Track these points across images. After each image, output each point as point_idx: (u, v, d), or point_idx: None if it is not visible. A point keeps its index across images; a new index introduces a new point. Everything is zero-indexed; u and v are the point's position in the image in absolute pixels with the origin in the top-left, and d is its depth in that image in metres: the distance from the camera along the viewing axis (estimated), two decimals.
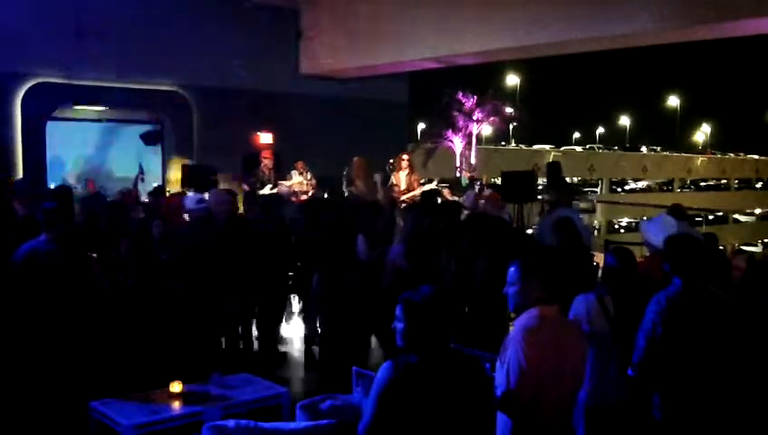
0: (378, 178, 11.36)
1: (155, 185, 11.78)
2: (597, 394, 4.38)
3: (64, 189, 8.83)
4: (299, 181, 12.07)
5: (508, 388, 3.34)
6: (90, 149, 14.14)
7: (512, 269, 3.53)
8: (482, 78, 18.42)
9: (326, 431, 4.10)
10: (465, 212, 8.43)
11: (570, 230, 6.15)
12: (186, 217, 7.45)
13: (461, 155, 15.71)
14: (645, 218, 7.42)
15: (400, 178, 11.46)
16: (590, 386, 4.34)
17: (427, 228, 6.12)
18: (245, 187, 11.31)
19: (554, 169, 11.17)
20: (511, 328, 3.94)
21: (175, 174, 13.16)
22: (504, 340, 3.51)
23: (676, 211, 7.56)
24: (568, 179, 11.82)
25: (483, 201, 9.35)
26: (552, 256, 5.30)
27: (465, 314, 6.05)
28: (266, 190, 11.31)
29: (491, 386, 3.37)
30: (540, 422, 3.40)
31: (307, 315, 7.77)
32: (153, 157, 14.43)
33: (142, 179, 11.31)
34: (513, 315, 4.29)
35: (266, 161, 11.88)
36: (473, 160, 14.89)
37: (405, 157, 11.76)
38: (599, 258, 7.99)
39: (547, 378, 3.38)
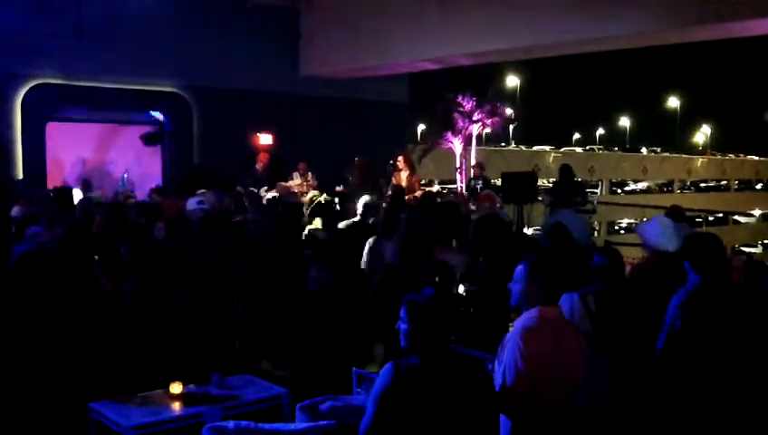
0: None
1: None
2: (583, 392, 4.40)
3: (65, 191, 8.84)
4: (298, 182, 12.08)
5: (504, 387, 3.36)
6: (90, 149, 14.15)
7: (519, 267, 3.58)
8: (482, 78, 18.40)
9: (326, 432, 4.10)
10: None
11: (562, 235, 6.17)
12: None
13: (461, 156, 15.70)
14: (645, 220, 7.43)
15: (401, 179, 11.47)
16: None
17: (421, 228, 6.11)
18: (239, 188, 11.32)
19: (564, 172, 11.26)
20: (510, 328, 3.95)
21: None
22: (502, 340, 3.54)
23: (674, 212, 7.57)
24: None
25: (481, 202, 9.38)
26: (556, 258, 5.31)
27: (468, 314, 6.05)
28: (262, 191, 11.31)
29: (493, 387, 3.38)
30: (538, 421, 3.41)
31: (308, 315, 7.76)
32: (153, 157, 14.45)
33: (122, 191, 11.37)
34: (513, 316, 4.31)
35: (261, 162, 11.89)
36: (473, 161, 14.87)
37: (403, 158, 11.78)
38: None
39: (545, 378, 3.40)
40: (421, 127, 27.50)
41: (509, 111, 16.27)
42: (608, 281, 4.56)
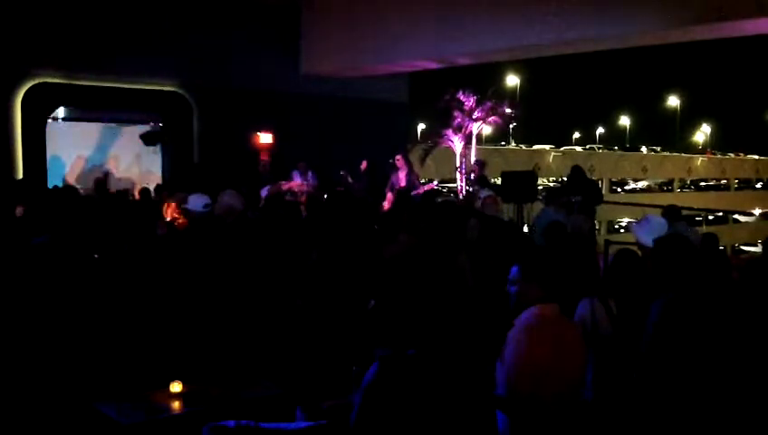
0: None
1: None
2: (603, 395, 4.39)
3: (67, 190, 8.85)
4: (298, 182, 12.11)
5: (508, 385, 3.37)
6: (90, 149, 14.16)
7: (513, 269, 3.59)
8: (482, 78, 18.45)
9: (326, 431, 4.10)
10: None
11: (557, 235, 6.17)
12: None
13: (461, 155, 15.69)
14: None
15: (400, 178, 11.50)
16: (595, 387, 4.35)
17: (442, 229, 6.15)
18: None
19: (574, 173, 11.29)
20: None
21: None
22: (504, 339, 3.55)
23: (671, 212, 7.55)
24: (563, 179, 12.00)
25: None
26: (552, 256, 5.31)
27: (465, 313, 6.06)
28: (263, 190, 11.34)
29: (490, 385, 3.39)
30: (538, 420, 3.42)
31: (308, 314, 7.77)
32: (153, 157, 14.47)
33: None
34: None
35: (263, 162, 11.94)
36: (473, 160, 14.86)
37: (401, 156, 11.81)
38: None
39: (546, 376, 3.40)
40: (421, 127, 27.53)
41: (509, 110, 16.25)
42: (623, 283, 4.49)
